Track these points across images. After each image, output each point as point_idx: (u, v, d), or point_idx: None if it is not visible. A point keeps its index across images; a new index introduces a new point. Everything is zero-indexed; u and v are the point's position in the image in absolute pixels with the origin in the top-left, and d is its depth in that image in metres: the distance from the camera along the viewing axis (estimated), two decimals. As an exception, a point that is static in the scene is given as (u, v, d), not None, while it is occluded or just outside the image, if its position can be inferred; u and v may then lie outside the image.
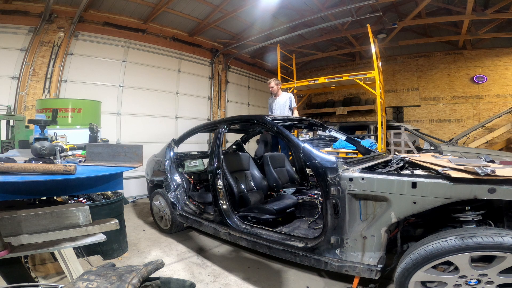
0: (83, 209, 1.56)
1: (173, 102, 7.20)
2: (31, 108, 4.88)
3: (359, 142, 3.74)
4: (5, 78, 4.84)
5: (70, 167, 1.34)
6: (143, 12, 6.24)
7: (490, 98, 8.04)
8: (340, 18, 6.85)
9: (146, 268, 0.91)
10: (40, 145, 1.70)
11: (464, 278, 1.64)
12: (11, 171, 1.30)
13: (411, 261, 1.72)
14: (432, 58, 8.88)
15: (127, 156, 1.69)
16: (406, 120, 9.12)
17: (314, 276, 2.62)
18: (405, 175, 1.88)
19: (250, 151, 4.85)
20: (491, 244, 1.52)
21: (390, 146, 6.25)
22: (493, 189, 1.54)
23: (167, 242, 3.54)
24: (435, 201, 1.69)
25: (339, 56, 10.22)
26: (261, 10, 6.50)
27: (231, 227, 2.79)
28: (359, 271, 1.94)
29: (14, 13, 4.87)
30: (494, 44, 7.96)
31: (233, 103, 9.01)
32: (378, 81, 5.34)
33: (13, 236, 1.34)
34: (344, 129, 6.11)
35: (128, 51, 6.30)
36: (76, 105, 4.07)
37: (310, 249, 2.18)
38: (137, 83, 6.37)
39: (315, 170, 2.19)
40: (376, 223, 1.90)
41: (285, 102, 5.16)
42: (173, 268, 2.85)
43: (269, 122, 2.77)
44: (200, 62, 7.96)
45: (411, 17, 7.16)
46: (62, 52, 5.26)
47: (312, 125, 3.88)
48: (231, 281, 2.57)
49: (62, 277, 2.38)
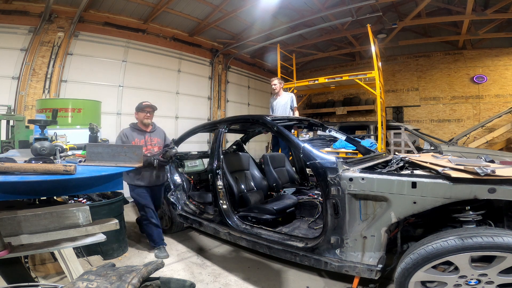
0: (83, 209, 1.56)
1: (173, 102, 7.21)
2: (31, 108, 4.88)
3: (359, 142, 3.74)
4: (5, 78, 4.84)
5: (70, 167, 1.34)
6: (143, 12, 6.24)
7: (490, 98, 8.04)
8: (340, 18, 6.85)
9: (146, 268, 0.91)
10: (40, 145, 1.70)
11: (464, 278, 1.64)
12: (11, 171, 1.30)
13: (411, 261, 1.72)
14: (432, 58, 8.89)
15: (127, 156, 1.69)
16: (406, 120, 9.12)
17: (314, 276, 2.62)
18: (405, 175, 1.88)
19: (250, 151, 4.86)
20: (491, 244, 1.52)
21: (390, 146, 6.26)
22: (493, 189, 1.54)
23: (167, 242, 3.53)
24: (435, 201, 1.69)
25: (339, 56, 10.23)
26: (261, 10, 6.50)
27: (231, 227, 2.79)
28: (359, 271, 1.93)
29: (14, 13, 4.87)
30: (494, 44, 7.96)
31: (233, 103, 9.01)
32: (378, 81, 5.34)
33: (13, 236, 1.34)
34: (344, 129, 6.10)
35: (128, 51, 6.30)
36: (76, 105, 4.07)
37: (310, 249, 2.17)
38: (137, 83, 6.38)
39: (315, 170, 2.19)
40: (376, 223, 1.90)
41: (287, 102, 5.16)
42: (173, 268, 2.85)
43: (269, 122, 2.77)
44: (200, 62, 7.96)
45: (411, 17, 7.16)
46: (62, 52, 5.26)
47: (312, 125, 3.88)
48: (231, 281, 2.57)
49: (62, 277, 2.38)
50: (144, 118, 3.06)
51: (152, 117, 3.12)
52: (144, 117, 3.06)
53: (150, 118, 3.10)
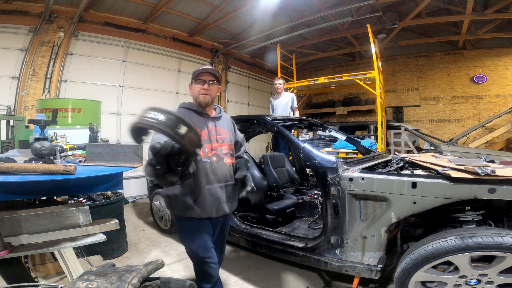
0: (83, 209, 1.56)
1: (173, 102, 7.20)
2: (31, 108, 4.88)
3: (359, 142, 3.75)
4: (5, 78, 4.84)
5: (70, 167, 1.34)
6: (143, 12, 6.24)
7: (490, 98, 8.04)
8: (340, 18, 6.85)
9: (146, 268, 0.91)
10: (40, 145, 1.70)
11: (464, 278, 1.64)
12: (11, 171, 1.30)
13: (411, 261, 1.72)
14: (432, 58, 8.88)
15: (127, 156, 1.69)
16: (406, 120, 9.12)
17: (314, 276, 2.62)
18: (405, 175, 1.88)
19: (250, 151, 4.85)
20: (491, 244, 1.52)
21: (390, 146, 6.26)
22: (493, 189, 1.54)
23: (167, 242, 3.54)
24: (435, 201, 1.69)
25: (339, 56, 10.22)
26: (261, 10, 6.50)
27: (231, 227, 2.79)
28: (359, 271, 1.94)
29: (14, 13, 4.87)
30: (494, 44, 7.95)
31: (233, 103, 9.01)
32: (378, 81, 5.34)
33: (13, 236, 1.34)
34: (344, 129, 6.10)
35: (128, 51, 6.30)
36: (76, 105, 4.07)
37: (310, 249, 2.18)
38: (137, 83, 6.38)
39: (315, 170, 2.19)
40: (376, 223, 1.90)
41: (287, 102, 5.16)
42: (173, 268, 2.85)
43: (269, 122, 2.77)
44: (200, 62, 7.96)
45: (411, 17, 7.16)
46: (62, 52, 5.26)
47: (312, 125, 3.88)
48: (231, 281, 2.57)
49: (62, 277, 2.38)
50: (200, 94, 1.70)
51: (214, 93, 1.74)
52: (200, 91, 1.69)
53: (210, 94, 1.71)
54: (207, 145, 1.68)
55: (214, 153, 1.70)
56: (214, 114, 1.81)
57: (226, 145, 1.78)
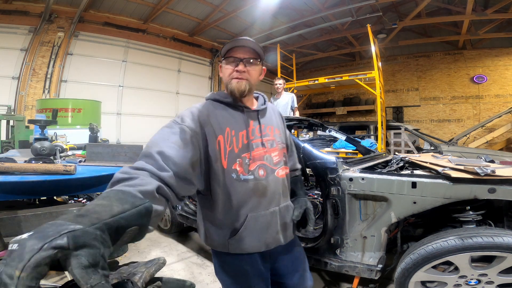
0: (83, 209, 1.56)
1: (173, 102, 7.21)
2: (31, 108, 4.88)
3: (359, 142, 3.74)
4: (5, 78, 4.85)
5: (70, 167, 1.34)
6: (143, 12, 6.24)
7: (490, 98, 8.04)
8: (340, 18, 6.85)
9: (148, 271, 0.90)
10: (40, 145, 1.70)
11: (464, 278, 1.64)
12: (11, 171, 1.30)
13: (411, 261, 1.72)
14: (432, 58, 8.89)
15: (127, 156, 1.69)
16: (406, 120, 9.13)
17: (314, 276, 2.62)
18: (405, 175, 1.88)
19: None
20: (491, 244, 1.52)
21: (390, 146, 6.26)
22: (493, 189, 1.54)
23: (167, 242, 3.54)
24: (435, 201, 1.69)
25: (339, 56, 10.23)
26: (261, 10, 6.51)
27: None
28: (359, 271, 1.93)
29: (14, 13, 4.87)
30: (494, 44, 7.96)
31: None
32: (378, 81, 5.34)
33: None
34: (344, 129, 6.10)
35: (128, 51, 6.31)
36: (76, 105, 4.07)
37: (310, 249, 2.17)
38: (137, 83, 6.38)
39: (315, 170, 2.19)
40: (376, 223, 1.90)
41: (287, 102, 5.16)
42: (173, 268, 2.85)
43: (269, 122, 2.76)
44: (200, 62, 7.97)
45: (411, 17, 7.17)
46: (62, 52, 5.26)
47: (312, 125, 3.87)
48: (231, 281, 2.57)
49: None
50: (232, 79, 1.08)
51: (255, 77, 1.13)
52: (232, 75, 1.08)
53: (248, 78, 1.09)
54: (246, 154, 1.09)
55: (259, 164, 1.12)
56: (255, 106, 1.19)
57: (276, 150, 1.19)
